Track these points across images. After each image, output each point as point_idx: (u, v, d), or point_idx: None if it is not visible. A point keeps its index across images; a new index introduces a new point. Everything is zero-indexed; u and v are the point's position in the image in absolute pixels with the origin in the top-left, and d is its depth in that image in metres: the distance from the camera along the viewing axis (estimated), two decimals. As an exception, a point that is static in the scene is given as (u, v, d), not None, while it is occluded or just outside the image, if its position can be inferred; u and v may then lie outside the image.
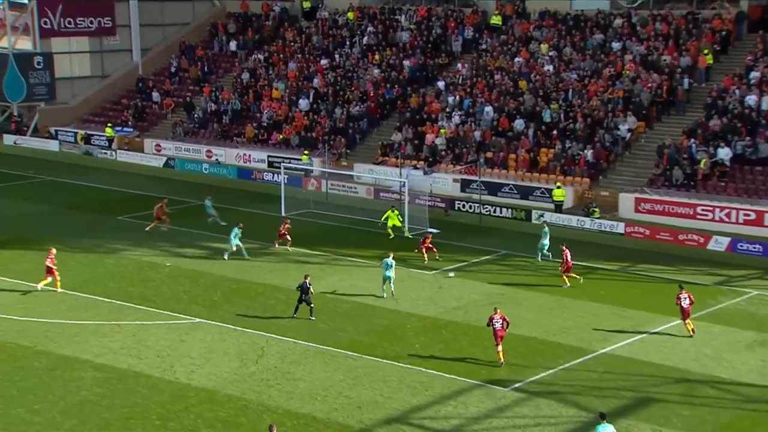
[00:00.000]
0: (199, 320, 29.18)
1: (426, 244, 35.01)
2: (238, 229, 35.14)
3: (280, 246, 36.50)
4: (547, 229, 36.17)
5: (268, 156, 51.82)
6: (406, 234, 38.04)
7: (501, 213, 42.70)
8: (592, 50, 50.68)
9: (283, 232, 36.26)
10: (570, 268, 32.60)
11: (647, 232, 39.43)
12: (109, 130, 57.34)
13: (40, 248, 36.31)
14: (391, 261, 31.12)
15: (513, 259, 36.14)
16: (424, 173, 46.78)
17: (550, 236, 35.70)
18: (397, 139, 49.90)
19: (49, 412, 22.88)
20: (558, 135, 46.52)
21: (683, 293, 28.23)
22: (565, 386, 24.67)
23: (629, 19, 51.66)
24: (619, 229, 40.03)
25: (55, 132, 59.35)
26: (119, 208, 43.37)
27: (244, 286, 32.49)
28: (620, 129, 45.45)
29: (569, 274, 32.61)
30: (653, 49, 49.23)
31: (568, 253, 32.68)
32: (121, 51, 64.20)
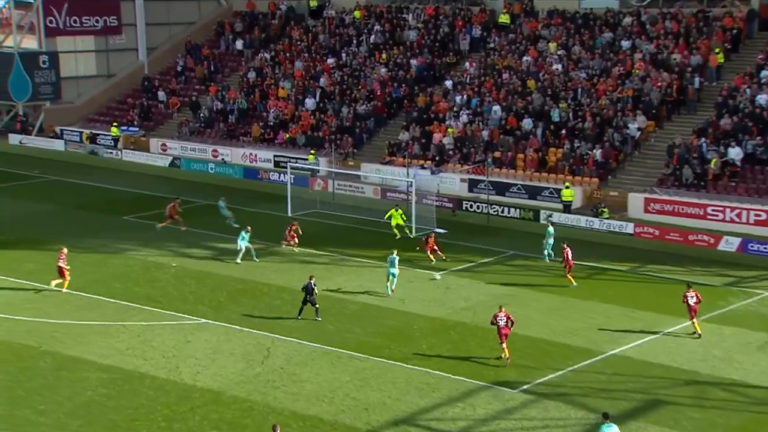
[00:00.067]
0: (204, 321, 29.24)
1: (430, 245, 34.95)
2: (245, 233, 35.18)
3: (286, 246, 36.52)
4: (551, 229, 36.20)
5: (275, 156, 51.87)
6: (407, 234, 37.96)
7: (509, 213, 42.66)
8: (601, 49, 50.59)
9: (292, 234, 36.16)
10: (571, 267, 32.48)
11: (657, 233, 39.34)
12: (114, 130, 57.47)
13: (46, 248, 36.45)
14: (395, 257, 31.36)
15: (521, 259, 36.10)
16: (432, 173, 46.76)
17: (555, 236, 35.70)
18: (405, 139, 49.90)
19: (54, 413, 22.96)
20: (567, 134, 46.46)
21: (690, 291, 28.24)
22: (574, 388, 24.63)
23: (639, 17, 51.55)
24: (629, 229, 39.95)
25: (61, 131, 59.51)
26: (125, 208, 43.46)
27: (250, 287, 32.53)
28: (629, 128, 45.37)
29: (568, 273, 32.46)
30: (663, 47, 49.12)
31: (569, 252, 32.60)
32: (126, 50, 64.34)
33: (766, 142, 42.21)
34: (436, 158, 48.14)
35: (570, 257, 32.56)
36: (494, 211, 42.79)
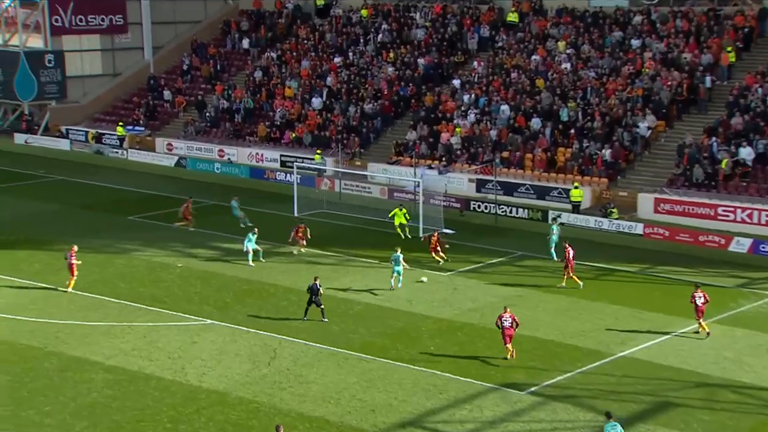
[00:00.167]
0: (210, 321, 29.29)
1: (432, 245, 34.95)
2: (252, 235, 35.19)
3: (291, 246, 36.49)
4: (555, 227, 36.27)
5: (281, 155, 51.93)
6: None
7: (517, 213, 42.62)
8: (611, 48, 50.51)
9: (300, 236, 36.14)
10: (571, 267, 32.44)
11: (667, 233, 39.26)
12: (120, 129, 57.61)
13: (51, 248, 36.58)
14: (398, 255, 31.66)
15: (529, 260, 36.06)
16: (439, 173, 46.75)
17: (560, 235, 35.71)
18: (412, 138, 49.89)
19: (59, 414, 23.02)
20: (575, 134, 46.40)
21: (698, 292, 28.24)
22: (583, 390, 24.60)
23: (649, 15, 51.45)
24: (638, 230, 39.88)
25: (66, 131, 59.68)
26: (130, 208, 43.57)
27: (256, 287, 32.58)
28: (639, 127, 45.28)
29: (569, 274, 32.39)
30: (674, 46, 49.01)
31: (570, 252, 32.57)
32: (132, 49, 64.50)
33: (777, 141, 42.10)
34: (444, 158, 48.13)
35: (571, 257, 32.51)
36: (502, 212, 42.75)
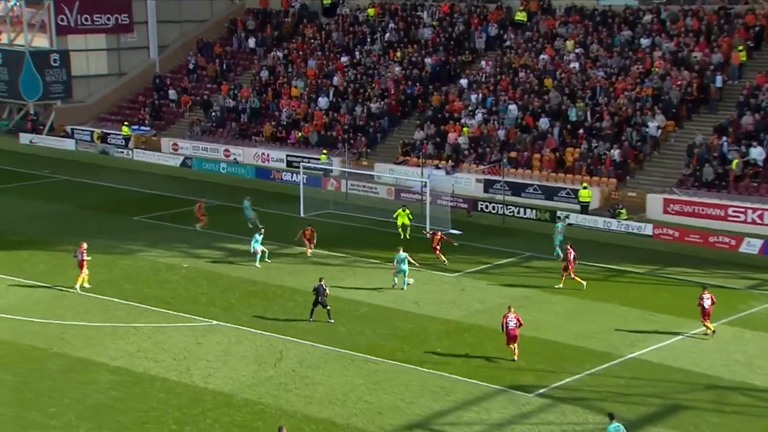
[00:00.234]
0: (216, 322, 29.30)
1: (434, 245, 34.90)
2: (259, 235, 35.20)
3: (297, 245, 36.37)
4: (560, 225, 36.39)
5: (287, 155, 51.93)
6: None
7: (525, 214, 42.55)
8: (620, 47, 50.39)
9: (307, 238, 36.03)
10: (572, 268, 32.40)
11: (676, 234, 39.15)
12: (125, 129, 57.70)
13: (56, 249, 36.68)
14: (403, 255, 31.77)
15: (537, 261, 35.99)
16: (447, 173, 46.70)
17: (564, 234, 35.75)
18: (419, 138, 49.85)
19: (64, 416, 23.05)
20: (584, 134, 46.31)
21: (706, 293, 28.23)
22: (591, 392, 24.54)
23: (658, 14, 51.32)
24: (647, 230, 39.78)
25: (72, 131, 59.79)
26: (135, 209, 43.63)
27: (261, 288, 32.58)
28: (649, 127, 45.17)
29: (567, 274, 32.41)
30: (683, 45, 48.88)
31: (572, 253, 32.58)
32: (138, 48, 64.62)
33: (788, 141, 41.95)
34: (451, 158, 48.08)
35: (572, 258, 32.46)
36: (510, 212, 42.69)
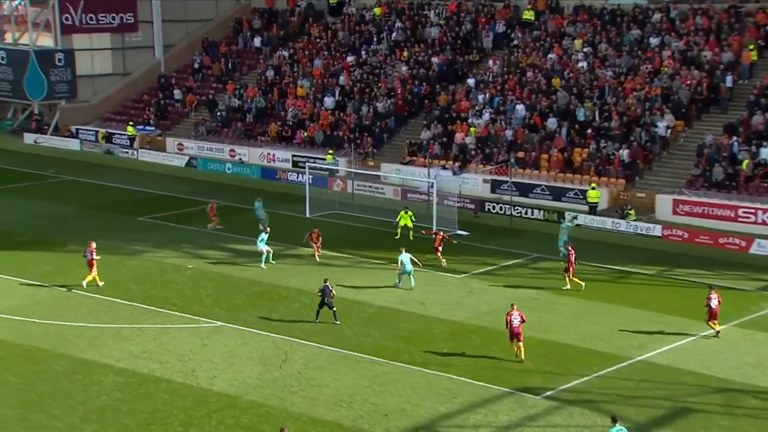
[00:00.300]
0: (221, 324, 29.32)
1: (436, 245, 34.82)
2: (265, 234, 35.22)
3: (304, 247, 36.38)
4: (564, 225, 36.45)
5: (293, 155, 51.97)
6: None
7: (533, 215, 42.50)
8: (629, 46, 50.31)
9: (314, 240, 35.91)
10: (572, 269, 32.39)
11: (686, 235, 39.06)
12: (130, 129, 57.80)
13: (60, 249, 36.77)
14: (406, 255, 31.92)
15: (545, 262, 35.94)
16: (453, 173, 46.67)
17: (569, 233, 35.82)
18: (426, 138, 49.83)
19: (68, 417, 23.09)
20: (592, 134, 46.24)
21: (713, 293, 28.20)
22: (599, 395, 24.50)
23: (668, 13, 51.22)
24: (656, 231, 39.71)
25: (76, 131, 59.93)
26: (140, 209, 43.70)
27: (267, 289, 32.61)
28: (658, 127, 45.07)
29: (570, 276, 32.45)
30: (693, 44, 48.78)
31: (573, 254, 32.60)
32: (143, 48, 64.73)
33: (799, 142, 41.83)
34: (458, 158, 48.04)
35: (573, 259, 32.44)
36: (517, 213, 42.65)
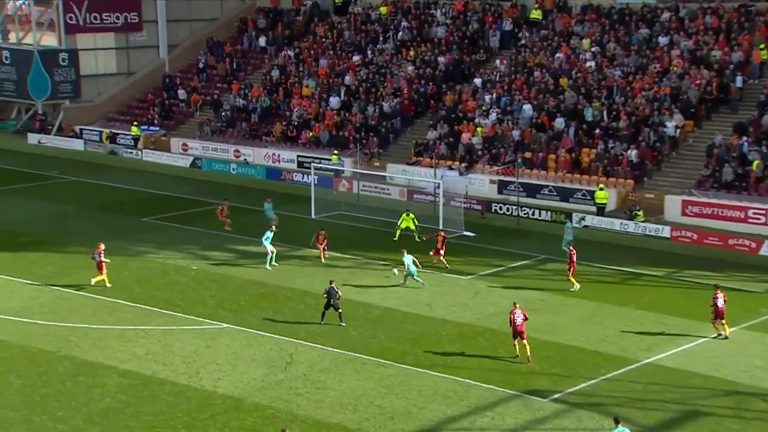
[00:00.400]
0: (225, 325, 29.37)
1: (438, 246, 34.79)
2: (270, 232, 35.25)
3: (312, 249, 36.34)
4: (569, 224, 36.65)
5: (298, 156, 52.02)
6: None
7: (540, 216, 42.47)
8: (638, 45, 50.26)
9: (320, 243, 35.88)
10: (572, 269, 32.41)
11: (695, 237, 39.01)
12: (134, 129, 57.92)
13: (64, 250, 36.87)
14: (408, 257, 32.23)
15: (552, 263, 35.90)
16: (460, 174, 46.67)
17: (574, 233, 35.91)
18: (432, 138, 49.84)
19: (72, 419, 23.15)
20: (600, 134, 46.20)
21: (719, 293, 28.22)
22: (607, 397, 24.48)
23: (677, 12, 51.16)
24: (665, 233, 39.66)
25: (80, 131, 60.09)
26: (144, 210, 43.79)
27: (272, 291, 32.64)
28: (667, 127, 45.01)
29: (571, 277, 32.45)
30: (703, 43, 48.71)
31: (574, 254, 32.67)
32: (147, 47, 64.88)
33: (810, 142, 41.74)
34: (465, 159, 48.03)
35: (575, 259, 32.49)
36: (524, 214, 42.62)
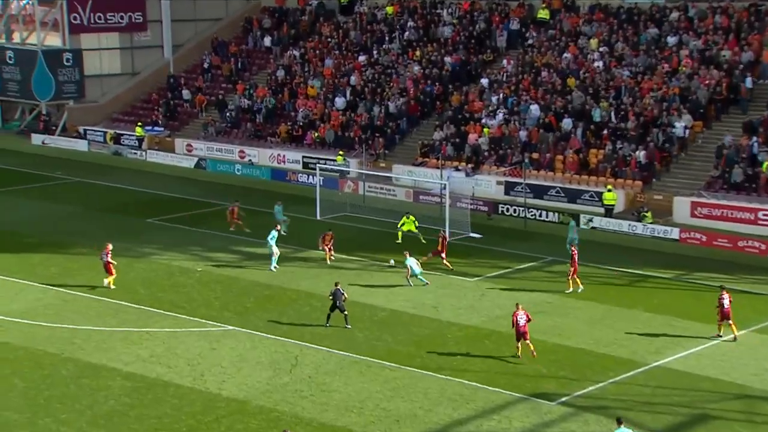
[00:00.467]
0: (230, 327, 29.40)
1: (439, 248, 34.75)
2: (275, 232, 35.27)
3: (320, 251, 36.28)
4: (573, 223, 36.93)
5: (303, 157, 52.06)
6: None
7: (547, 217, 42.42)
8: (646, 45, 50.18)
9: (326, 244, 35.88)
10: (576, 270, 32.42)
11: (704, 239, 38.93)
12: (139, 130, 58.01)
13: (68, 252, 36.94)
14: (411, 260, 32.50)
15: (560, 265, 35.84)
16: (466, 175, 46.64)
17: (577, 230, 36.07)
18: (438, 139, 49.82)
19: (76, 422, 23.19)
20: (608, 135, 46.14)
21: (724, 293, 28.27)
22: (615, 401, 24.44)
23: (686, 11, 51.07)
24: (674, 234, 39.59)
25: (84, 131, 60.19)
26: (149, 211, 43.85)
27: (277, 293, 32.66)
28: (676, 127, 44.93)
29: (570, 276, 32.49)
30: (712, 43, 48.62)
31: (576, 254, 32.67)
32: (152, 47, 64.97)
33: (821, 143, 41.63)
34: (471, 160, 48.01)
35: (577, 260, 32.49)
36: (531, 215, 42.58)
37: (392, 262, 33.75)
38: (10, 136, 61.78)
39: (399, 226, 38.56)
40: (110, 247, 32.59)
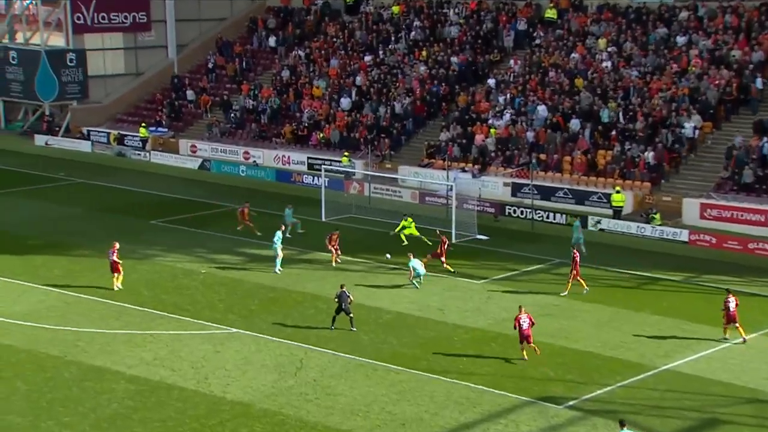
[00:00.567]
0: (235, 330, 29.41)
1: (439, 251, 34.70)
2: (280, 232, 35.25)
3: (327, 251, 36.24)
4: (577, 223, 37.11)
5: (308, 158, 52.08)
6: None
7: (555, 219, 42.38)
8: (655, 45, 50.12)
9: (335, 246, 35.83)
10: (578, 273, 32.38)
11: (714, 241, 38.85)
12: (143, 131, 58.10)
13: (71, 253, 36.99)
14: (415, 261, 32.69)
15: (567, 268, 35.73)
16: (473, 176, 46.62)
17: (581, 229, 36.24)
18: (444, 139, 49.81)
19: (79, 425, 23.22)
20: (617, 136, 46.08)
21: (730, 297, 28.22)
22: (624, 405, 24.39)
23: (695, 11, 51.00)
24: (683, 236, 39.52)
25: (88, 132, 60.31)
26: (153, 212, 43.90)
27: (281, 295, 32.67)
28: (685, 128, 44.84)
29: (570, 278, 32.44)
30: (722, 43, 48.54)
31: (577, 256, 32.65)
32: (156, 47, 65.08)
33: (832, 144, 41.52)
34: (478, 161, 47.98)
35: (578, 262, 32.48)
36: (539, 217, 42.54)
37: (389, 256, 33.87)
38: (14, 136, 61.91)
39: (397, 231, 38.35)
40: (117, 245, 32.64)
